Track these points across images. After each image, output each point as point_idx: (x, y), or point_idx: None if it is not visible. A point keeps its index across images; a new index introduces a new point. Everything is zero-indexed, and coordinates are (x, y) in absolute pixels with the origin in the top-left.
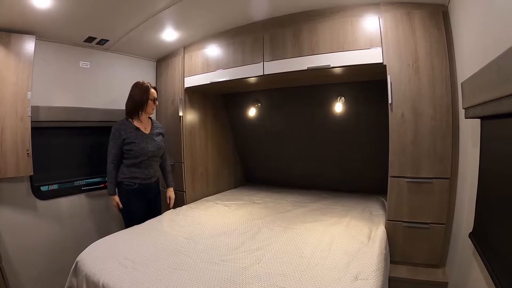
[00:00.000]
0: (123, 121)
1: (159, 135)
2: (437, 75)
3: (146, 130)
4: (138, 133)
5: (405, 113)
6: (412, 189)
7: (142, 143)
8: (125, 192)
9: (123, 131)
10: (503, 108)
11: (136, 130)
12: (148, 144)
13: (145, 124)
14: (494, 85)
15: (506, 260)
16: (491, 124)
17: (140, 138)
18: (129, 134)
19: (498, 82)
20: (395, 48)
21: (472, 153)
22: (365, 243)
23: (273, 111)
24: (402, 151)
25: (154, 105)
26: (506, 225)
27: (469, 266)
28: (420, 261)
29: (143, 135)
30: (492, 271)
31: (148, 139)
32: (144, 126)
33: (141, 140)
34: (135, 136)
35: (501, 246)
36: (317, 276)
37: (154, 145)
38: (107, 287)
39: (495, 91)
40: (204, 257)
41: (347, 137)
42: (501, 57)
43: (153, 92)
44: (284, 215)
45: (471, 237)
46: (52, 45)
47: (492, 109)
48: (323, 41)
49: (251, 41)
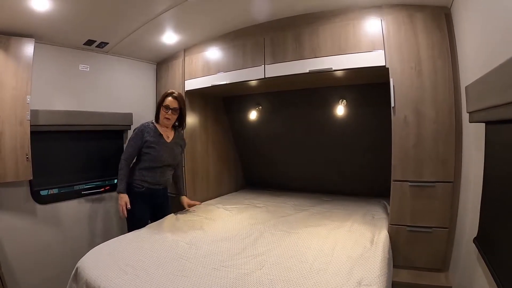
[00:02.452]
0: (149, 123)
1: (179, 146)
2: (440, 78)
3: (168, 139)
4: (160, 140)
5: (407, 116)
6: (415, 193)
7: (161, 150)
8: (132, 194)
9: (147, 133)
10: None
11: (159, 136)
12: (166, 153)
13: (168, 132)
14: (501, 90)
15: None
16: (496, 129)
17: (161, 145)
18: (152, 138)
19: (505, 87)
20: (398, 50)
21: (476, 157)
22: (368, 248)
23: (274, 114)
24: (404, 154)
25: (167, 113)
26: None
27: (473, 271)
28: (423, 265)
29: (164, 143)
30: (497, 278)
31: (168, 148)
32: (167, 134)
33: (161, 148)
34: (156, 141)
35: (507, 252)
36: (320, 282)
37: (171, 155)
38: None
39: (502, 96)
40: (206, 263)
41: (349, 140)
42: (509, 62)
43: (168, 100)
44: (285, 219)
45: (475, 242)
46: (51, 48)
47: (499, 114)
48: (325, 44)
49: (252, 44)
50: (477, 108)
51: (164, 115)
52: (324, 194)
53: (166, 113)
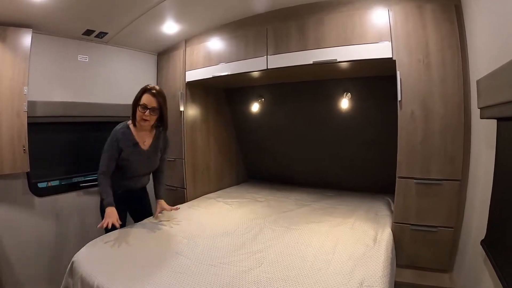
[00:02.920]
0: (124, 129)
1: (158, 152)
2: (448, 72)
3: (145, 145)
4: (135, 150)
5: (414, 111)
6: (420, 191)
7: (136, 162)
8: None
9: (121, 141)
10: None
11: (134, 145)
12: (141, 164)
13: (145, 136)
14: None
15: None
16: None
17: (136, 155)
18: (126, 148)
19: None
20: (405, 42)
21: (486, 155)
22: (371, 247)
23: (277, 106)
24: (410, 150)
25: (143, 114)
26: None
27: (479, 274)
28: (427, 265)
29: (140, 153)
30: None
31: (144, 158)
32: (143, 139)
33: (136, 159)
34: (130, 152)
35: None
36: (320, 282)
37: (148, 165)
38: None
39: None
40: (204, 259)
41: (353, 134)
42: None
43: (146, 98)
44: (286, 215)
45: (483, 244)
46: (49, 38)
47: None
48: (330, 35)
49: (255, 34)
50: (489, 103)
51: (141, 116)
52: (327, 189)
53: (143, 113)
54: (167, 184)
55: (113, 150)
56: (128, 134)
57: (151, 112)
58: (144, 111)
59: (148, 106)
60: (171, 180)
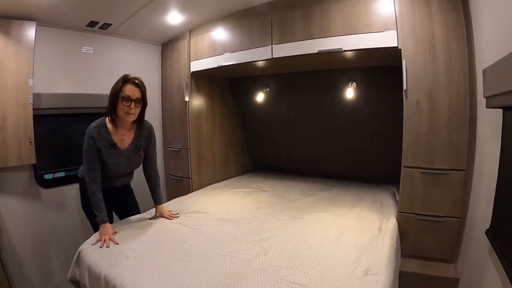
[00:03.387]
0: (100, 128)
1: (140, 150)
2: (454, 61)
3: (124, 144)
4: (113, 151)
5: (420, 100)
6: (426, 181)
7: (114, 165)
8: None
9: (98, 141)
10: None
11: (111, 146)
12: (121, 165)
13: (125, 133)
14: None
15: None
16: None
17: (114, 157)
18: (103, 149)
19: None
20: (411, 31)
21: (492, 145)
22: (376, 236)
23: (282, 96)
24: (416, 140)
25: (127, 107)
26: None
27: (484, 264)
28: (432, 255)
29: (118, 153)
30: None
31: (124, 158)
32: (122, 137)
33: (114, 161)
34: (108, 154)
35: None
36: (326, 270)
37: (128, 165)
38: (108, 278)
39: None
40: (209, 248)
41: (358, 124)
42: None
43: (128, 89)
44: (292, 204)
45: (487, 234)
46: (53, 30)
47: None
48: (335, 24)
49: (259, 24)
50: (495, 92)
51: (124, 110)
52: (332, 179)
53: (128, 106)
54: (172, 174)
55: (92, 151)
56: (105, 134)
57: (136, 104)
58: (129, 104)
59: (132, 98)
60: (176, 170)
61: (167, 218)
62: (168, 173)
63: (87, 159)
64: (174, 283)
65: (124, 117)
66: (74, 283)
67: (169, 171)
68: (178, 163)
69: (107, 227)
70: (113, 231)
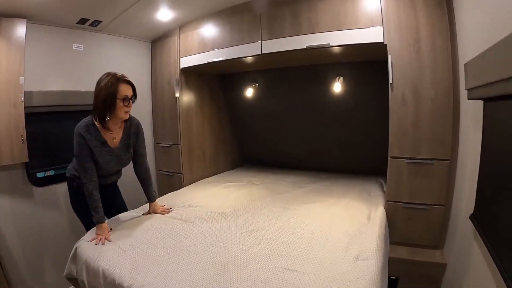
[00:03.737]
0: (89, 127)
1: (129, 147)
2: (438, 56)
3: (114, 142)
4: (103, 149)
5: (405, 93)
6: (412, 170)
7: (105, 163)
8: (75, 189)
9: (89, 141)
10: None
11: (102, 145)
12: (111, 163)
13: (114, 132)
14: (500, 65)
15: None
16: (495, 105)
17: (105, 155)
18: (94, 148)
19: (505, 63)
20: (396, 27)
21: (473, 135)
22: (365, 224)
23: (270, 91)
24: (402, 131)
25: (126, 107)
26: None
27: (469, 248)
28: (419, 242)
29: (108, 151)
30: (494, 253)
31: (114, 156)
32: (113, 136)
33: (105, 160)
34: (99, 153)
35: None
36: (318, 257)
37: (118, 163)
38: (107, 272)
39: (502, 72)
40: (204, 239)
41: (346, 118)
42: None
43: (124, 89)
44: (283, 196)
45: (471, 218)
46: (44, 28)
47: (498, 90)
48: (323, 20)
49: (249, 20)
50: (476, 84)
51: (123, 110)
52: (321, 171)
53: (126, 106)
54: (163, 170)
55: (84, 150)
56: (94, 132)
57: (131, 101)
58: (128, 103)
59: (128, 96)
60: (167, 166)
61: (160, 214)
62: (159, 169)
63: (80, 158)
64: (172, 273)
65: (122, 117)
66: (71, 280)
67: (160, 167)
68: (169, 159)
69: (104, 227)
70: (109, 229)
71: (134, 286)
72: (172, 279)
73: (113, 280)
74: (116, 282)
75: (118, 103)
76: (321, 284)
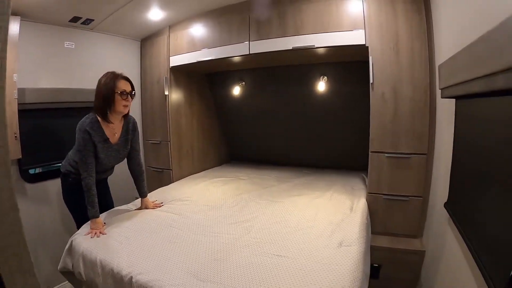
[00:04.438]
0: (93, 124)
1: (127, 143)
2: (416, 58)
3: (115, 138)
4: (105, 145)
5: (385, 92)
6: (392, 164)
7: (105, 159)
8: (70, 185)
9: (94, 137)
10: (474, 88)
11: (104, 141)
12: (110, 159)
13: (115, 128)
14: (467, 67)
15: (478, 226)
16: (464, 103)
17: (106, 151)
18: (97, 144)
19: (471, 65)
20: (378, 30)
21: (447, 131)
22: (348, 214)
23: (257, 90)
24: (382, 128)
25: (125, 101)
26: (477, 194)
27: (444, 234)
28: (399, 232)
29: (109, 147)
30: (465, 236)
31: (113, 152)
32: (114, 132)
33: (106, 155)
34: (101, 148)
35: (473, 213)
36: (304, 243)
37: (116, 158)
38: (104, 262)
39: (467, 73)
40: (195, 230)
41: (330, 115)
42: (473, 44)
43: (123, 84)
44: (269, 190)
45: (445, 206)
46: (37, 25)
47: (465, 89)
48: (308, 22)
49: (238, 21)
50: (448, 84)
51: (122, 103)
52: (306, 167)
53: (125, 100)
54: (153, 166)
55: (88, 145)
56: (98, 129)
57: (131, 97)
58: (126, 97)
59: (127, 91)
60: (157, 162)
61: (151, 208)
62: (149, 165)
63: (83, 153)
64: (167, 261)
65: (121, 111)
66: (65, 274)
67: (150, 163)
68: (158, 156)
69: (98, 222)
70: (103, 223)
71: (132, 273)
72: (168, 266)
73: (111, 269)
74: (114, 271)
75: (116, 97)
76: (307, 268)
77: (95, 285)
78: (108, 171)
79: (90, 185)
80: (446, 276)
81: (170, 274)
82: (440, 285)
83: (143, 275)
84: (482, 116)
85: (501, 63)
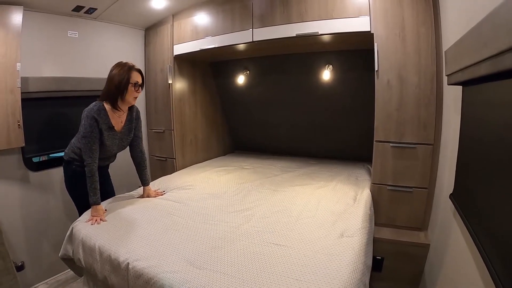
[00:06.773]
0: (100, 111)
1: (131, 132)
2: (422, 44)
3: (119, 126)
4: (110, 133)
5: (390, 80)
6: (396, 154)
7: (110, 146)
8: (73, 172)
9: (101, 124)
10: (481, 71)
11: (109, 129)
12: (114, 146)
13: (121, 116)
14: (473, 50)
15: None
16: (471, 90)
17: (111, 139)
18: (104, 131)
19: (477, 47)
20: (383, 17)
21: (454, 120)
22: (351, 205)
23: (261, 78)
24: (387, 116)
25: (136, 92)
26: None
27: (449, 227)
28: (403, 224)
29: (114, 135)
30: (471, 229)
31: (117, 140)
32: (120, 120)
33: (110, 143)
34: (107, 136)
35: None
36: (305, 233)
37: (120, 146)
38: (102, 249)
39: (474, 56)
40: (196, 218)
41: (335, 104)
42: (480, 24)
43: (136, 76)
44: (272, 179)
45: (451, 198)
46: (40, 15)
47: (472, 73)
48: (312, 9)
49: (241, 8)
50: (454, 69)
51: (133, 95)
52: (311, 157)
53: (137, 91)
54: (156, 155)
55: (95, 132)
56: (105, 117)
57: (141, 88)
58: (138, 89)
59: (139, 83)
60: (160, 151)
61: (153, 196)
62: (153, 154)
63: (89, 139)
64: (166, 248)
65: (131, 102)
66: (66, 261)
67: (154, 152)
68: (162, 144)
69: (99, 209)
70: (104, 210)
71: (129, 260)
72: (165, 253)
73: (109, 256)
74: (112, 258)
75: (129, 87)
76: (307, 257)
77: (94, 271)
78: (111, 157)
79: (93, 171)
80: (450, 270)
81: (166, 261)
82: (444, 279)
83: (140, 261)
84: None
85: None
